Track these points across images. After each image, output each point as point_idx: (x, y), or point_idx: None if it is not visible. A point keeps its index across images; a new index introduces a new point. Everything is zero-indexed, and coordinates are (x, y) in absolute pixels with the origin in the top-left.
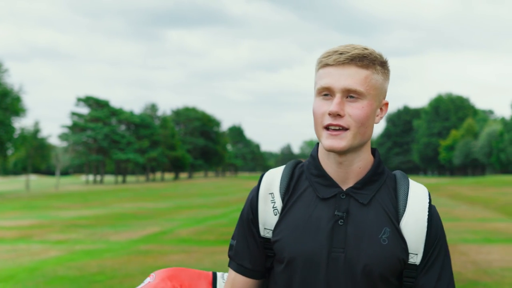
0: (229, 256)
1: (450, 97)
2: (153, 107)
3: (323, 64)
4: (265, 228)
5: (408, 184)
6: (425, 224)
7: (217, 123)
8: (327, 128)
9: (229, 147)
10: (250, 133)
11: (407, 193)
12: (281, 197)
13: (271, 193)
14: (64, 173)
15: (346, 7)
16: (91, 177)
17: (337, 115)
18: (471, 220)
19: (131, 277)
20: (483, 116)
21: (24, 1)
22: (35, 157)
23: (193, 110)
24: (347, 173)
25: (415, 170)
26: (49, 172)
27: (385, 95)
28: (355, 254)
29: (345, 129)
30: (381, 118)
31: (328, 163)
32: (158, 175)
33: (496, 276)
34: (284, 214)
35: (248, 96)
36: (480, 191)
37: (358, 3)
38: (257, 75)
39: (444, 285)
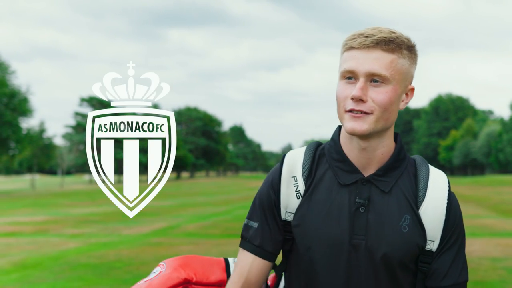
0: (244, 236)
1: (450, 98)
2: (155, 107)
3: (348, 46)
4: (286, 212)
5: (428, 170)
6: (444, 212)
7: (218, 123)
8: (350, 111)
9: (230, 147)
10: (251, 133)
11: (427, 180)
12: (304, 180)
13: (293, 176)
14: (66, 172)
15: (347, 6)
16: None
17: (359, 100)
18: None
19: (147, 264)
20: (483, 117)
21: (24, 1)
22: (40, 156)
23: (195, 110)
24: (369, 159)
25: None
26: (51, 171)
27: (411, 80)
28: (376, 241)
29: (367, 113)
30: (406, 103)
31: (350, 148)
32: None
33: (473, 264)
34: (305, 198)
35: (249, 96)
36: (476, 190)
37: (358, 3)
38: (258, 75)
39: (457, 270)
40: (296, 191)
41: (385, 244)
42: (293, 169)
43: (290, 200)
